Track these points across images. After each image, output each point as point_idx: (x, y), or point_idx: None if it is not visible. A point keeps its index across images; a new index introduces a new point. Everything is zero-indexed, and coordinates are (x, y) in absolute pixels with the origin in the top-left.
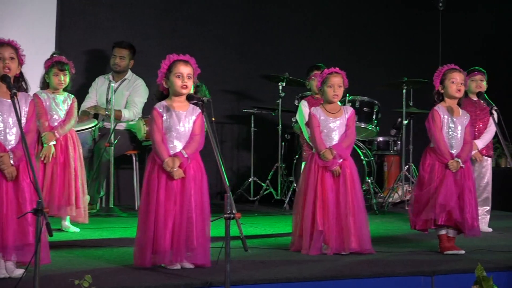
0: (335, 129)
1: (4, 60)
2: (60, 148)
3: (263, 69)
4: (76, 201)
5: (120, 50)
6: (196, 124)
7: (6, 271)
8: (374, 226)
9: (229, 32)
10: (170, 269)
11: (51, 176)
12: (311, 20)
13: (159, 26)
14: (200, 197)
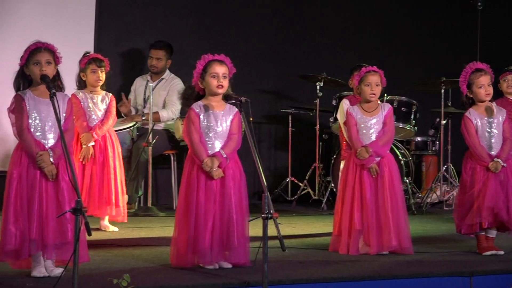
0: (372, 127)
1: (40, 66)
2: (99, 148)
3: (300, 69)
4: (115, 200)
5: (156, 52)
6: (233, 123)
7: (45, 270)
8: (412, 226)
9: (266, 32)
10: (208, 269)
11: (90, 176)
12: (349, 20)
13: (196, 25)
14: (239, 196)
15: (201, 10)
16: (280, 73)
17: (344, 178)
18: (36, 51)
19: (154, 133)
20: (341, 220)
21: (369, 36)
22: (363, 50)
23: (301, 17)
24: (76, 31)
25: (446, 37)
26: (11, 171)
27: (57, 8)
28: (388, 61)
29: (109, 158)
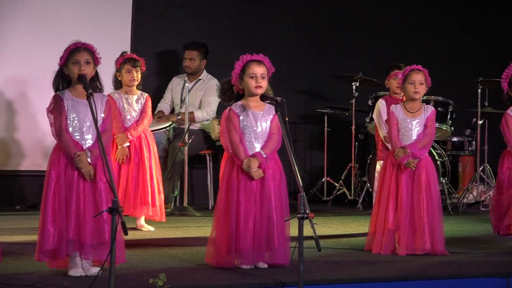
0: (413, 128)
1: (80, 66)
2: (134, 149)
3: (336, 69)
4: (152, 200)
5: (190, 52)
6: (273, 123)
7: (82, 270)
8: (448, 227)
9: (302, 32)
10: (244, 269)
11: (126, 176)
12: (384, 20)
13: (233, 26)
14: (279, 196)
15: (237, 10)
16: (316, 73)
17: (382, 178)
18: (76, 50)
19: (190, 133)
20: (376, 220)
21: (405, 35)
22: (399, 50)
23: (337, 17)
24: (113, 32)
25: (483, 37)
26: (49, 171)
27: (95, 9)
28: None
29: (144, 159)
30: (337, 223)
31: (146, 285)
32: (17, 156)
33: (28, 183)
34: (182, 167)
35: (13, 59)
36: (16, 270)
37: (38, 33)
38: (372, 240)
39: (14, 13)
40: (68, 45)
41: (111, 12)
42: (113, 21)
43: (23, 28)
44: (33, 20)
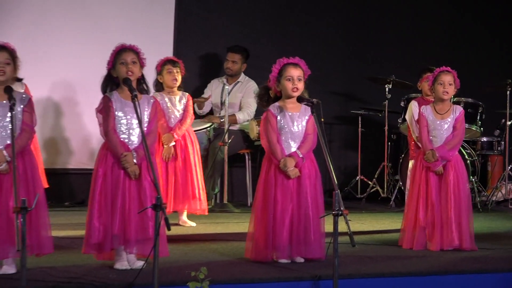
0: (442, 129)
1: (127, 65)
2: (180, 147)
3: (370, 72)
4: (198, 194)
5: (233, 55)
6: (309, 124)
7: (128, 263)
8: (477, 223)
9: (337, 36)
10: (281, 263)
11: (174, 173)
12: (416, 24)
13: (271, 30)
14: (315, 194)
15: (276, 16)
16: (350, 76)
17: (413, 176)
18: (122, 51)
19: (230, 133)
20: (408, 217)
21: (437, 39)
22: (431, 53)
23: (370, 21)
24: (155, 36)
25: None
26: (96, 169)
27: (139, 15)
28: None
29: (190, 156)
30: (370, 219)
31: (188, 278)
32: (65, 155)
33: (76, 180)
34: (222, 165)
35: (61, 64)
36: (65, 262)
37: (84, 39)
38: (404, 236)
39: (62, 21)
40: (114, 48)
41: (155, 17)
42: (156, 26)
43: (69, 34)
44: (79, 26)
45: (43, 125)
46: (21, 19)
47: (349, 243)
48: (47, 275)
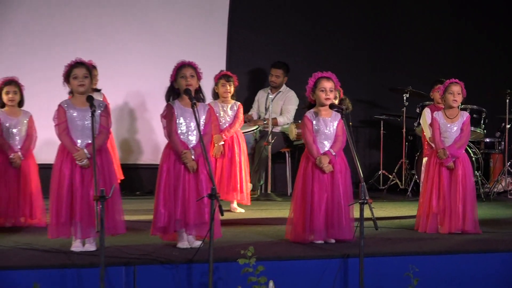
0: (452, 131)
1: (186, 78)
2: (228, 146)
3: (390, 82)
4: (240, 187)
5: (276, 70)
6: (338, 127)
7: (188, 243)
8: (481, 211)
9: (362, 52)
10: (316, 243)
11: (221, 168)
12: (428, 41)
13: (308, 48)
14: (345, 186)
15: (311, 36)
16: (373, 86)
17: (427, 171)
18: (182, 67)
19: (273, 135)
20: (422, 205)
21: (446, 54)
22: (441, 66)
23: (390, 39)
24: (211, 53)
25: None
26: (161, 165)
27: (197, 35)
28: (462, 74)
29: (235, 155)
30: (390, 207)
31: (238, 255)
32: (136, 152)
33: (145, 173)
34: (266, 162)
35: (133, 77)
36: (136, 242)
37: (151, 55)
38: (419, 221)
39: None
40: (176, 64)
41: (210, 37)
42: (212, 44)
43: (139, 51)
44: (146, 44)
45: (119, 127)
46: (102, 40)
47: (373, 227)
48: (121, 252)
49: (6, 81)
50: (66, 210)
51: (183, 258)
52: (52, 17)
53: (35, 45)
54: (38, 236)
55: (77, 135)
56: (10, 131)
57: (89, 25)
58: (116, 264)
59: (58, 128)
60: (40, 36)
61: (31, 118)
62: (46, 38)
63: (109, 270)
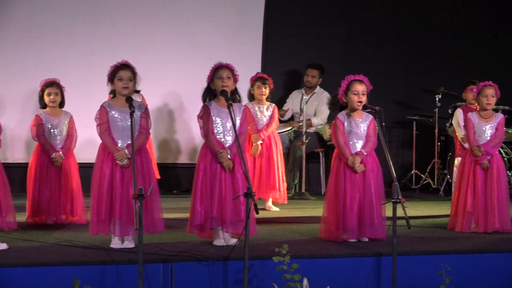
0: (486, 131)
1: (222, 80)
2: (265, 146)
3: (423, 84)
4: (278, 186)
5: (312, 70)
6: (370, 128)
7: (224, 240)
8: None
9: (395, 54)
10: (350, 242)
11: (260, 167)
12: (460, 43)
13: (341, 51)
14: (377, 185)
15: (345, 39)
16: (407, 88)
17: (461, 170)
18: (219, 68)
19: (307, 135)
20: (457, 204)
21: (478, 55)
22: (473, 68)
23: (422, 42)
24: (247, 55)
25: None
26: (198, 164)
27: (234, 38)
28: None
29: (273, 154)
30: (423, 206)
31: (272, 253)
32: (174, 152)
33: (182, 172)
34: (300, 161)
35: (171, 78)
36: (173, 239)
37: (188, 57)
38: (453, 220)
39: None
40: (213, 65)
41: (246, 39)
42: (248, 47)
43: (177, 53)
44: (184, 47)
45: (158, 128)
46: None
47: (406, 226)
48: (159, 249)
49: (47, 82)
50: (106, 207)
51: (219, 255)
52: (92, 19)
53: (76, 47)
54: (79, 233)
55: (118, 136)
56: (51, 132)
57: (127, 27)
58: (154, 261)
59: (100, 128)
60: (80, 38)
61: (71, 119)
62: (86, 40)
63: (147, 267)
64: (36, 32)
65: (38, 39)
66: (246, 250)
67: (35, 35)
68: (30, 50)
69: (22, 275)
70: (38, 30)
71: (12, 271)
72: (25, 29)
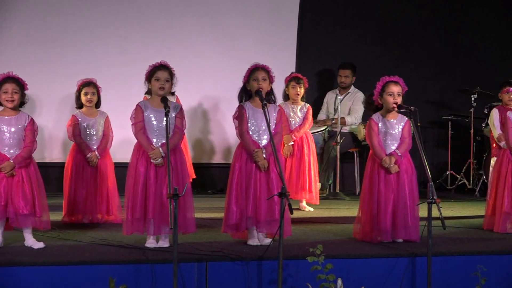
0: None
1: (258, 81)
2: (297, 147)
3: (458, 84)
4: (309, 187)
5: (344, 71)
6: (404, 129)
7: (258, 240)
8: None
9: (431, 54)
10: (384, 243)
11: (290, 168)
12: (496, 42)
13: (376, 51)
14: (411, 186)
15: (379, 38)
16: (442, 87)
17: (498, 170)
18: (255, 70)
19: (341, 135)
20: (494, 204)
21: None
22: (510, 67)
23: (458, 42)
24: (282, 56)
25: None
26: (233, 164)
27: (268, 38)
28: None
29: (304, 155)
30: (458, 207)
31: (307, 253)
32: (209, 152)
33: (216, 172)
34: (335, 161)
35: (207, 79)
36: (208, 239)
37: (223, 58)
38: (488, 220)
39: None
40: (250, 66)
41: (280, 40)
42: (282, 48)
43: (212, 55)
44: (219, 48)
45: (192, 128)
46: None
47: (441, 226)
48: (193, 249)
49: (84, 82)
50: (141, 207)
51: (253, 255)
52: (128, 21)
53: (112, 48)
54: (114, 232)
55: (152, 135)
56: (87, 131)
57: (162, 29)
58: (189, 260)
59: (135, 127)
60: (116, 39)
61: (107, 119)
62: (122, 42)
63: (181, 266)
64: (72, 35)
65: (74, 41)
66: (280, 250)
67: (71, 38)
68: (66, 52)
69: (58, 274)
70: (74, 33)
71: (49, 269)
72: (61, 32)
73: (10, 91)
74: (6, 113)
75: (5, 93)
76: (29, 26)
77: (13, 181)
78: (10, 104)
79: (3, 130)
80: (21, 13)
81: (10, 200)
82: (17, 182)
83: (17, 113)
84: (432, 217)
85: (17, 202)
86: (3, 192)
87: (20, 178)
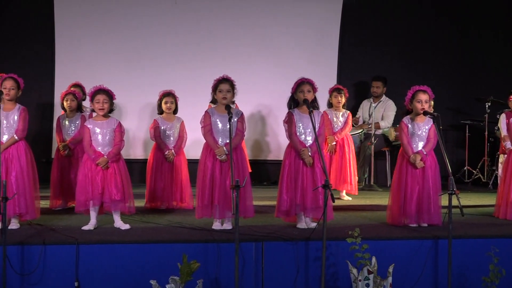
0: None
1: (303, 93)
2: (339, 146)
3: (475, 93)
4: (350, 179)
5: (376, 82)
6: (430, 131)
7: (305, 224)
8: None
9: (452, 66)
10: (411, 226)
11: (335, 163)
12: (509, 57)
13: (405, 63)
14: (434, 179)
15: (408, 52)
16: (461, 96)
17: (505, 166)
18: (302, 83)
19: (375, 136)
20: (502, 193)
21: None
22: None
23: (476, 56)
24: (324, 69)
25: None
26: (284, 160)
27: (311, 53)
28: None
29: (345, 152)
30: (474, 197)
31: (346, 235)
32: (265, 151)
33: (271, 167)
34: (370, 158)
35: (263, 89)
36: (263, 222)
37: (275, 71)
38: (498, 209)
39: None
40: (297, 80)
41: (323, 55)
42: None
43: (267, 69)
44: (274, 64)
45: (251, 130)
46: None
47: (460, 214)
48: (251, 231)
49: (165, 93)
50: (208, 195)
51: (301, 237)
52: (198, 41)
53: (188, 64)
54: (187, 217)
55: (218, 136)
56: (166, 133)
57: (226, 48)
58: (248, 240)
59: (203, 129)
60: (188, 58)
61: (182, 123)
62: (192, 59)
63: (242, 245)
64: (151, 52)
65: (152, 58)
66: (324, 232)
67: (150, 54)
68: (145, 66)
69: (141, 250)
70: (152, 51)
71: (134, 247)
72: (141, 49)
73: (101, 101)
74: (99, 119)
75: (97, 102)
76: (121, 49)
77: (107, 173)
78: (101, 112)
79: (97, 133)
80: (116, 35)
81: (105, 188)
82: (110, 174)
83: (108, 118)
84: (452, 206)
85: (111, 190)
86: (100, 183)
87: (112, 170)
